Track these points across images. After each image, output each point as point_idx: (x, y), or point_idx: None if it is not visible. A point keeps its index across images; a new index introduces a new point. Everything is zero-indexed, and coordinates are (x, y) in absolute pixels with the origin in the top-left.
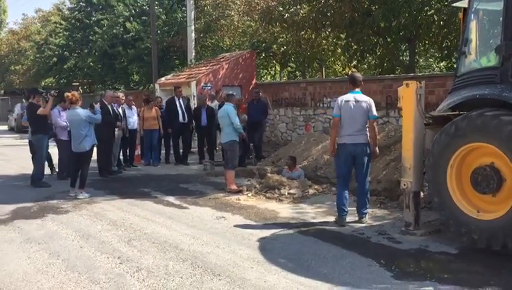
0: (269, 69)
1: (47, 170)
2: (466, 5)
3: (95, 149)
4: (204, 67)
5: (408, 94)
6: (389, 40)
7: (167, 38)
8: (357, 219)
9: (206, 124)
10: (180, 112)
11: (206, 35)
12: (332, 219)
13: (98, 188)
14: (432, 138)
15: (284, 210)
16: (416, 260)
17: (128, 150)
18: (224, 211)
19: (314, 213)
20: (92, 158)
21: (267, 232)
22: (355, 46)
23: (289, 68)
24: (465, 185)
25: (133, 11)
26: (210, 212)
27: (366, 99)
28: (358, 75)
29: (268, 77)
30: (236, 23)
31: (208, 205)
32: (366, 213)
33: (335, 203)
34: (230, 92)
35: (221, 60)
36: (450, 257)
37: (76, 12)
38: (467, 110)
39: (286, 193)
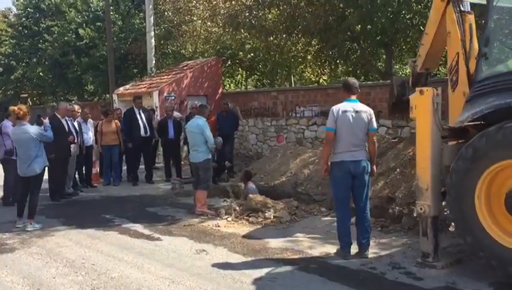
0: (235, 77)
1: None
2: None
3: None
4: (166, 76)
5: (423, 103)
6: (364, 45)
7: (124, 46)
8: (357, 250)
9: (174, 137)
10: (141, 124)
11: (167, 42)
12: (331, 248)
13: (51, 216)
14: (450, 153)
15: (274, 239)
16: None
17: (84, 169)
18: (204, 241)
19: (309, 242)
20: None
21: (261, 271)
22: (329, 52)
23: (256, 76)
24: (500, 214)
25: (86, 16)
26: (188, 244)
27: (366, 110)
28: (354, 80)
29: (232, 85)
30: (199, 29)
31: (184, 235)
32: (368, 244)
33: (329, 229)
34: (202, 104)
35: (185, 68)
36: None
37: (24, 18)
38: (490, 122)
39: (272, 217)
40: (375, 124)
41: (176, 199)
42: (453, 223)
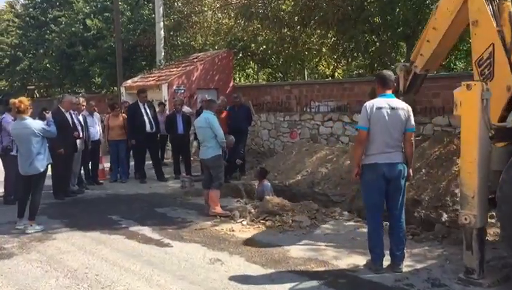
0: (245, 70)
1: None
2: None
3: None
4: (175, 69)
5: (470, 99)
6: (384, 37)
7: (133, 37)
8: (389, 262)
9: (183, 132)
10: (146, 119)
11: (176, 33)
12: (360, 259)
13: (53, 217)
14: (500, 156)
15: (294, 246)
16: None
17: (90, 165)
18: (218, 249)
19: (334, 251)
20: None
21: (283, 286)
22: (346, 44)
23: (268, 69)
24: None
25: (93, 7)
26: (200, 251)
27: (403, 106)
28: (390, 73)
29: (242, 79)
30: (210, 20)
31: (196, 240)
32: (403, 257)
33: (354, 235)
34: (211, 98)
35: (195, 60)
36: None
37: (31, 9)
38: None
39: (290, 221)
40: (413, 123)
41: (185, 199)
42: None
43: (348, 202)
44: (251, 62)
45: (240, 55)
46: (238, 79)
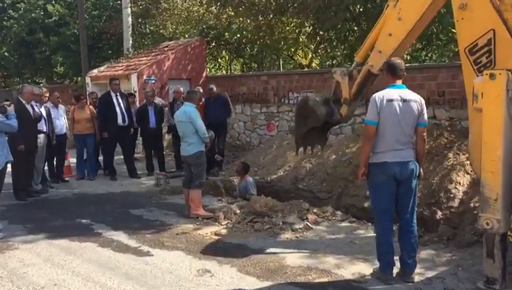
0: (218, 60)
1: None
2: None
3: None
4: (145, 58)
5: (493, 90)
6: (364, 26)
7: (98, 24)
8: (398, 270)
9: (155, 126)
10: (118, 111)
11: (145, 20)
12: (364, 266)
13: (15, 221)
14: None
15: (289, 253)
16: None
17: (55, 161)
18: (205, 257)
19: (334, 257)
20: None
21: None
22: (325, 34)
23: (242, 59)
24: None
25: None
26: (185, 260)
27: (416, 98)
28: (399, 61)
29: (214, 70)
30: (180, 7)
31: (179, 247)
32: (414, 265)
33: (352, 238)
34: (191, 89)
35: (166, 49)
36: None
37: None
38: None
39: (280, 223)
40: (426, 117)
41: (162, 198)
42: None
43: (335, 199)
44: (224, 52)
45: (213, 44)
46: (209, 70)
